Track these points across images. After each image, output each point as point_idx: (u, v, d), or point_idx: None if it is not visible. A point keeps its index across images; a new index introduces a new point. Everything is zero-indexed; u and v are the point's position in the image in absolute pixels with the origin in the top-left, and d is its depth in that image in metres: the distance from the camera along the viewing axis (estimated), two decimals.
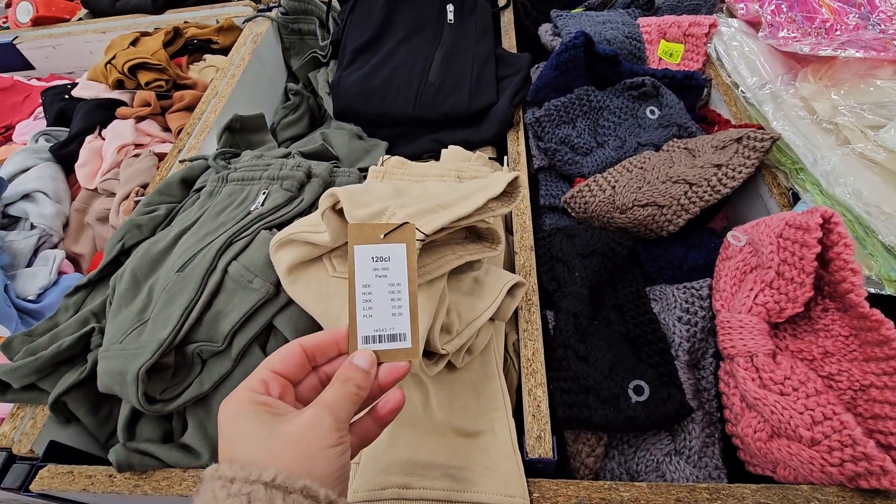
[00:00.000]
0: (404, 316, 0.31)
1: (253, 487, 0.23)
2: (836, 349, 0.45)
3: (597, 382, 0.47)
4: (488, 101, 0.75)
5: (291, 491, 0.23)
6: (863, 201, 0.49)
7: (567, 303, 0.54)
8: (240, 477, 0.23)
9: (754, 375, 0.46)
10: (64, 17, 1.21)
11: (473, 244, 0.46)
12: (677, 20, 0.77)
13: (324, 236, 0.43)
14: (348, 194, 0.40)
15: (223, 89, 0.87)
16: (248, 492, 0.23)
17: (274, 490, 0.23)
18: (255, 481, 0.23)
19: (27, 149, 0.80)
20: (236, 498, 0.22)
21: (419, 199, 0.41)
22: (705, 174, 0.59)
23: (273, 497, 0.22)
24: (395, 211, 0.39)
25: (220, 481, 0.23)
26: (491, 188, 0.42)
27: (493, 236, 0.47)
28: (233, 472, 0.24)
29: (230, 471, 0.24)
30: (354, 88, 0.78)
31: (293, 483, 0.23)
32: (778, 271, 0.47)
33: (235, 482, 0.23)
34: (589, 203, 0.63)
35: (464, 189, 0.43)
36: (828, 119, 0.55)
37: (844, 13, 0.72)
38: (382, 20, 0.84)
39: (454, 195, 0.42)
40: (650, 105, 0.70)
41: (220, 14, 1.10)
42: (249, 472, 0.23)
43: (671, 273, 0.60)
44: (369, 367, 0.29)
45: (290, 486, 0.23)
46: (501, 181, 0.43)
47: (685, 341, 0.52)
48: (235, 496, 0.22)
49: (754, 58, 0.68)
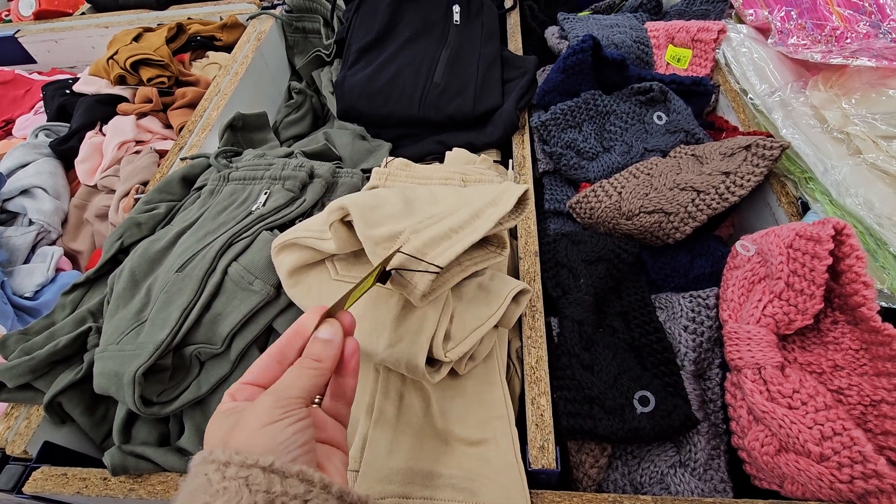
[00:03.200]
0: None
1: (251, 471, 0.22)
2: (845, 363, 0.44)
3: (601, 392, 0.47)
4: (493, 104, 0.74)
5: (288, 475, 0.23)
6: (874, 212, 0.48)
7: (572, 310, 0.53)
8: (235, 461, 0.23)
9: (762, 388, 0.45)
10: (66, 12, 1.21)
11: (478, 251, 0.45)
12: (685, 25, 0.77)
13: (329, 244, 0.42)
14: (360, 211, 0.39)
15: (226, 87, 0.86)
16: (245, 475, 0.22)
17: (272, 474, 0.23)
18: (252, 465, 0.23)
19: (27, 144, 0.79)
20: (233, 481, 0.22)
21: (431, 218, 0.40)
22: (713, 181, 0.59)
23: (272, 481, 0.22)
24: (408, 236, 0.38)
25: (213, 465, 0.23)
26: (501, 204, 0.41)
27: (499, 241, 0.46)
28: (227, 456, 0.23)
29: (224, 455, 0.23)
30: (358, 88, 0.77)
31: (289, 468, 0.23)
32: (788, 282, 0.46)
33: (231, 466, 0.23)
34: (595, 209, 0.62)
35: (473, 203, 0.42)
36: (839, 128, 0.55)
37: (855, 21, 0.71)
38: (388, 20, 0.83)
39: (465, 212, 0.40)
40: (657, 110, 0.70)
41: (223, 11, 1.09)
42: (246, 457, 0.23)
43: (677, 281, 0.59)
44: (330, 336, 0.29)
45: (287, 471, 0.23)
46: (511, 196, 0.42)
47: (691, 351, 0.52)
48: (232, 479, 0.22)
49: (763, 64, 0.68)
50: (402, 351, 0.39)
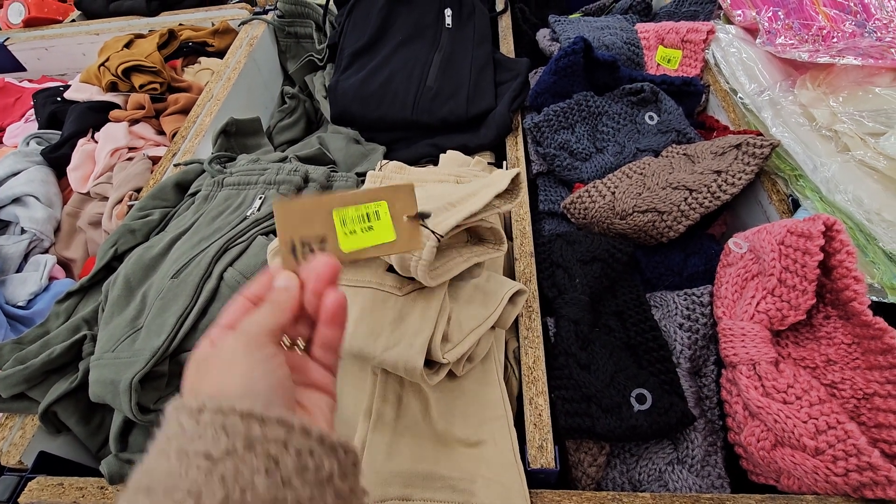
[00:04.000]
0: None
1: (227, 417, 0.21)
2: (838, 357, 0.45)
3: (598, 391, 0.47)
4: (486, 107, 0.74)
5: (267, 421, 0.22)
6: (863, 209, 0.48)
7: (568, 310, 0.53)
8: (210, 407, 0.22)
9: (757, 384, 0.45)
10: (56, 19, 1.20)
11: (478, 246, 0.45)
12: (675, 26, 0.78)
13: None
14: None
15: (218, 92, 0.86)
16: (221, 421, 0.21)
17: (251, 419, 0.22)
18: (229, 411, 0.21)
19: (18, 152, 0.79)
20: (209, 428, 0.21)
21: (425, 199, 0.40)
22: (705, 180, 0.59)
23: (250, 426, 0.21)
24: None
25: (185, 412, 0.22)
26: (495, 185, 0.42)
27: (496, 236, 0.46)
28: (199, 403, 0.22)
29: (196, 402, 0.22)
30: (352, 92, 0.77)
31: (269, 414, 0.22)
32: (780, 279, 0.46)
33: (205, 412, 0.21)
34: (589, 209, 0.63)
35: (468, 188, 0.43)
36: (827, 126, 0.55)
37: (841, 20, 0.73)
38: (380, 24, 0.83)
39: (461, 193, 0.42)
40: (649, 111, 0.70)
41: (215, 17, 1.09)
42: (221, 403, 0.22)
43: (671, 279, 0.60)
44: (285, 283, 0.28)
45: (266, 417, 0.22)
46: (505, 177, 0.43)
47: (686, 349, 0.52)
48: (208, 426, 0.21)
49: (752, 64, 0.69)
50: (400, 354, 0.39)
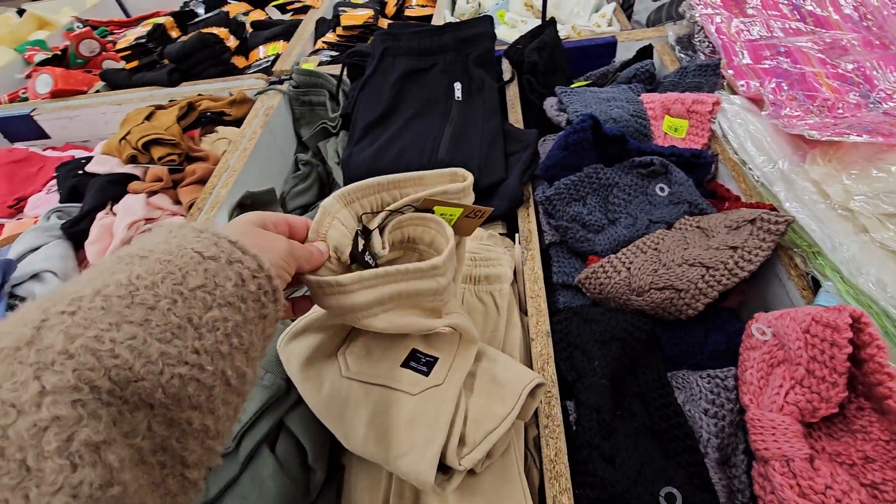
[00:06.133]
0: None
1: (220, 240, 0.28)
2: (877, 455, 0.43)
3: (626, 490, 0.45)
4: (497, 178, 0.75)
5: (246, 252, 0.29)
6: (888, 293, 0.48)
7: (588, 395, 0.52)
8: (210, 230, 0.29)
9: (792, 482, 0.43)
10: (82, 90, 1.25)
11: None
12: (680, 97, 0.79)
13: None
14: None
15: (235, 163, 0.88)
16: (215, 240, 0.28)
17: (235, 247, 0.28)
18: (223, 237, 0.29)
19: (38, 227, 0.80)
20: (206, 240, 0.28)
21: None
22: (721, 257, 0.59)
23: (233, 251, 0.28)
24: None
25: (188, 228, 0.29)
26: None
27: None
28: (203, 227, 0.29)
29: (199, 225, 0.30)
30: (365, 165, 0.79)
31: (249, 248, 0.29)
32: (808, 369, 0.45)
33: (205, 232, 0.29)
34: (605, 285, 0.62)
35: None
36: (841, 204, 0.55)
37: (844, 91, 0.74)
38: (392, 98, 0.86)
39: None
40: (659, 182, 0.71)
41: (233, 87, 1.14)
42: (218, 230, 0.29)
43: (693, 358, 0.58)
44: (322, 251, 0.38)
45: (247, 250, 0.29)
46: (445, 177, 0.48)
47: (714, 437, 0.50)
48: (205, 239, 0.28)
49: (760, 136, 0.70)
50: (411, 465, 0.38)
